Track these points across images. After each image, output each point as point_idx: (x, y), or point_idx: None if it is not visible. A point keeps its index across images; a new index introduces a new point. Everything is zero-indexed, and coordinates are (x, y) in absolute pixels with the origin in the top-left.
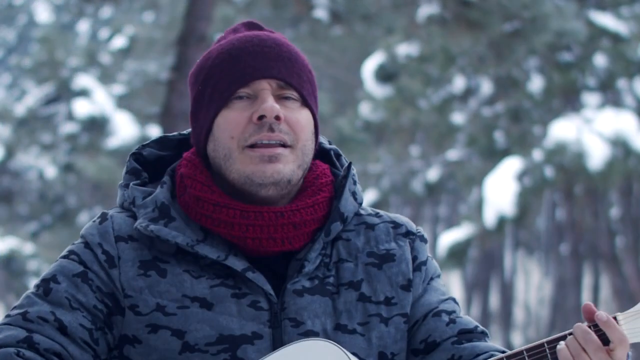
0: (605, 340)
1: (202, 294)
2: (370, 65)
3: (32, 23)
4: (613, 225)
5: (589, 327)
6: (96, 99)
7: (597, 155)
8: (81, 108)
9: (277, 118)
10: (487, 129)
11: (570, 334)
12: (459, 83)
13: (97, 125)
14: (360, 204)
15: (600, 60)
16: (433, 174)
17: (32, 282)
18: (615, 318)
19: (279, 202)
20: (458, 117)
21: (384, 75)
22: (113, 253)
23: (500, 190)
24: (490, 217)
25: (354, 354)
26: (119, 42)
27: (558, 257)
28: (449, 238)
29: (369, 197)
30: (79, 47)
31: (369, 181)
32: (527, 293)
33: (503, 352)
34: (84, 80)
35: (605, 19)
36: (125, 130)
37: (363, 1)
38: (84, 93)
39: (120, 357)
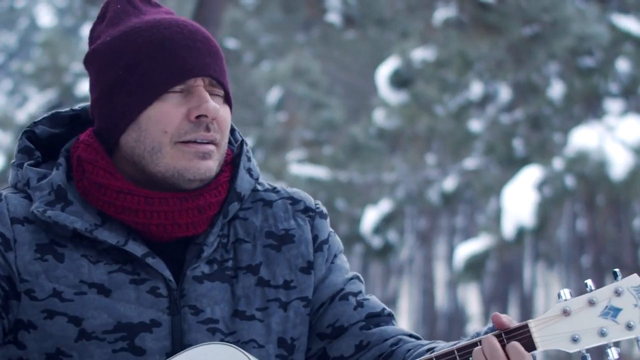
0: (528, 345)
1: (99, 280)
2: (384, 71)
3: (34, 27)
4: (636, 237)
5: (499, 338)
6: None
7: (620, 163)
8: None
9: (214, 118)
10: (506, 136)
11: (480, 342)
12: (476, 89)
13: None
14: (257, 179)
15: (623, 65)
16: (450, 183)
17: None
18: (527, 325)
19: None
20: (475, 125)
21: (399, 81)
22: (9, 235)
23: (520, 200)
24: (509, 228)
25: (252, 340)
26: None
27: (579, 270)
28: (466, 250)
29: (383, 207)
30: (83, 51)
31: (383, 190)
32: (547, 306)
33: (410, 335)
34: (87, 86)
35: (629, 23)
36: None
37: (377, 4)
38: (87, 99)
39: (15, 342)
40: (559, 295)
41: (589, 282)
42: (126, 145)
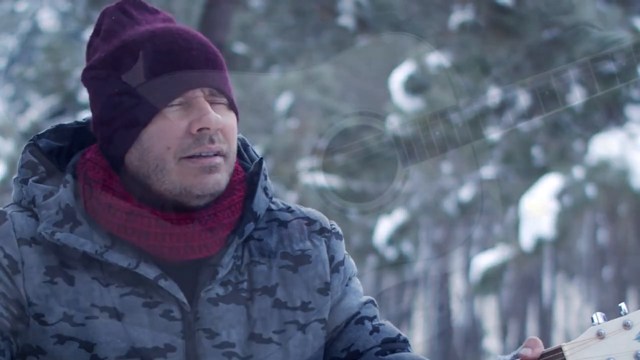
0: None
1: (111, 303)
2: (398, 76)
3: (36, 31)
4: None
5: None
6: None
7: None
8: None
9: (217, 129)
10: (524, 144)
11: None
12: (494, 95)
13: None
14: (271, 198)
15: None
16: (466, 192)
17: None
18: (560, 349)
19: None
20: (493, 132)
21: (414, 86)
22: (16, 257)
23: (539, 210)
24: (527, 239)
25: None
26: None
27: (600, 282)
28: (483, 261)
29: (397, 217)
30: None
31: (397, 201)
32: (567, 320)
33: None
34: None
35: None
36: None
37: (391, 8)
38: None
39: None
40: (592, 320)
41: (623, 305)
42: (131, 165)
